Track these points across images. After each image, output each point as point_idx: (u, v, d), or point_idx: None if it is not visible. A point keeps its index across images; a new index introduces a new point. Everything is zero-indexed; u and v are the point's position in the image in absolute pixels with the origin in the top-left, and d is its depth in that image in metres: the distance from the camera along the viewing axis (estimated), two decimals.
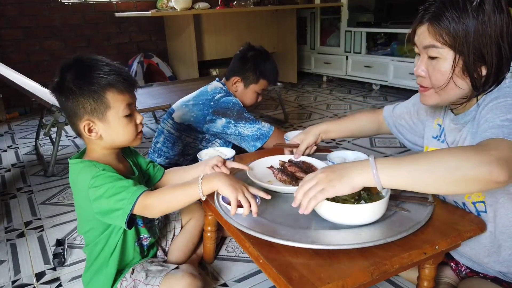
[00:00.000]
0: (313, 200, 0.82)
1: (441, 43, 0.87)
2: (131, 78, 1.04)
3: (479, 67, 0.86)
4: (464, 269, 1.05)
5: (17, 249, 1.54)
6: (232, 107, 1.62)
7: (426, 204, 0.96)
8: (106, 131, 1.01)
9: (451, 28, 0.84)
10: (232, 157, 1.25)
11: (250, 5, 3.84)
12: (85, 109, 0.98)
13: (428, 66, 0.91)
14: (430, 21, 0.87)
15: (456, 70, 0.87)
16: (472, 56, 0.85)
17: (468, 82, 0.88)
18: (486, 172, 0.71)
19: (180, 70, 4.01)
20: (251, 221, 0.91)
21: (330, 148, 1.48)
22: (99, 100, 0.97)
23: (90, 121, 1.00)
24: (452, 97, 0.92)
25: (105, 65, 1.00)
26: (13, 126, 3.34)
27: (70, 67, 0.99)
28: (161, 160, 1.70)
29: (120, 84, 0.99)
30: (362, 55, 4.11)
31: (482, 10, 0.83)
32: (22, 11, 3.57)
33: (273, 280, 0.79)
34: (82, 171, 0.99)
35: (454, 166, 0.73)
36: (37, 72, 3.66)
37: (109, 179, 0.96)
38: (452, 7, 0.84)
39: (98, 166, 0.99)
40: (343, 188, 0.80)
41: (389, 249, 0.81)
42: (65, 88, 0.98)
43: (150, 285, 1.07)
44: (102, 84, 0.97)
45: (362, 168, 0.80)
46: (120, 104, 1.00)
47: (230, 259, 1.41)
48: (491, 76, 0.87)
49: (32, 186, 2.12)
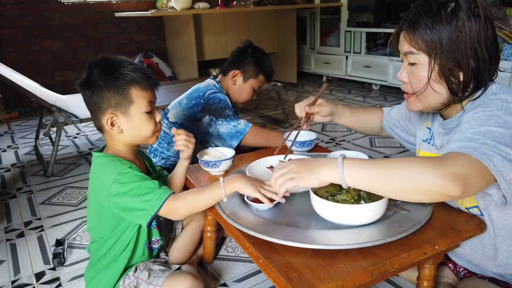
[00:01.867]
0: (282, 186, 0.86)
1: (417, 49, 0.89)
2: (153, 77, 1.10)
3: (456, 72, 0.87)
4: (462, 270, 1.06)
5: (17, 249, 1.54)
6: (217, 103, 1.64)
7: (426, 204, 0.96)
8: (127, 125, 1.06)
9: (425, 34, 0.87)
10: (232, 157, 1.25)
11: (250, 5, 3.84)
12: (109, 103, 1.04)
13: (409, 72, 0.94)
14: (407, 28, 0.90)
15: (432, 75, 0.89)
16: (447, 62, 0.87)
17: (446, 87, 0.89)
18: (440, 186, 0.73)
19: (180, 70, 4.01)
20: (251, 221, 0.91)
21: (330, 148, 1.48)
22: (123, 94, 1.03)
23: (113, 115, 1.05)
24: (432, 102, 0.93)
25: (130, 64, 1.06)
26: (13, 126, 3.34)
27: (98, 64, 1.05)
28: (157, 160, 1.70)
29: (144, 82, 1.05)
30: (362, 55, 4.11)
31: (456, 17, 0.84)
32: (22, 11, 3.57)
33: (273, 280, 0.79)
34: (107, 165, 1.04)
35: (406, 177, 0.76)
36: (36, 72, 3.66)
37: (136, 178, 1.00)
38: (426, 14, 0.87)
39: (124, 163, 1.04)
40: (311, 181, 0.84)
41: (389, 249, 0.81)
42: (92, 83, 1.03)
43: (152, 284, 1.07)
44: (127, 80, 1.03)
45: (330, 166, 0.82)
46: (142, 100, 1.05)
47: (230, 259, 1.41)
48: (469, 82, 0.88)
49: (32, 186, 2.12)
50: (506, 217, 0.90)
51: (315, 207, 0.90)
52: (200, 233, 1.36)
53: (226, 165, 1.23)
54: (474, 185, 0.75)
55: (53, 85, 3.56)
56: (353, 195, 0.90)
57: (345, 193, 0.91)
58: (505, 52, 2.94)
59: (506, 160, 0.76)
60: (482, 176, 0.75)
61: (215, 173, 1.24)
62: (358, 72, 4.19)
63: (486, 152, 0.75)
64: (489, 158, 0.75)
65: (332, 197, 0.91)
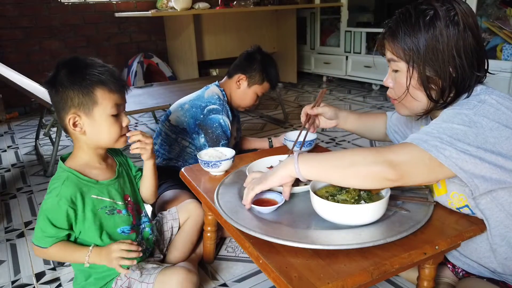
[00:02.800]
0: (251, 192, 0.93)
1: (397, 57, 0.91)
2: (122, 80, 1.07)
3: (435, 79, 0.89)
4: (460, 271, 1.06)
5: (17, 249, 1.54)
6: (215, 129, 1.59)
7: (426, 204, 0.96)
8: (90, 127, 1.03)
9: (404, 43, 0.89)
10: (232, 157, 1.25)
11: (250, 5, 3.84)
12: (72, 102, 1.01)
13: (393, 78, 0.97)
14: (388, 36, 0.92)
15: (412, 82, 0.91)
16: (425, 70, 0.88)
17: (425, 94, 0.91)
18: (377, 170, 0.80)
19: (180, 70, 4.02)
20: (251, 221, 0.91)
21: (330, 148, 1.48)
22: (88, 95, 1.00)
23: (76, 115, 1.02)
24: (415, 108, 0.96)
25: (100, 65, 1.04)
26: (13, 126, 3.34)
27: (66, 63, 1.03)
28: (158, 161, 1.69)
29: (111, 84, 1.02)
30: (362, 55, 4.11)
31: (433, 25, 0.85)
32: (22, 11, 3.57)
33: (273, 280, 0.79)
34: (54, 181, 1.05)
35: (350, 163, 0.83)
36: (36, 72, 3.66)
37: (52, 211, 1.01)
38: (405, 23, 0.88)
39: (63, 191, 1.01)
40: (273, 180, 0.91)
41: (389, 249, 0.81)
42: (57, 81, 1.01)
43: (145, 282, 1.07)
44: (93, 80, 1.01)
45: (287, 163, 0.89)
46: (108, 102, 1.02)
47: (230, 259, 1.41)
48: (449, 89, 0.89)
49: (32, 186, 2.12)
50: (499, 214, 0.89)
51: (315, 207, 0.90)
52: (197, 231, 1.35)
53: (226, 165, 1.23)
54: (414, 173, 0.81)
55: None
56: (353, 195, 0.90)
57: (345, 193, 0.91)
58: (505, 52, 2.93)
59: (463, 153, 0.78)
60: (424, 166, 0.80)
61: (215, 173, 1.24)
62: (358, 72, 4.19)
63: (437, 145, 0.79)
64: (439, 150, 0.79)
65: (332, 197, 0.91)
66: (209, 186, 1.17)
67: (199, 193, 1.15)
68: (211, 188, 1.14)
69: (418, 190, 1.01)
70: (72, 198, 1.02)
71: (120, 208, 1.11)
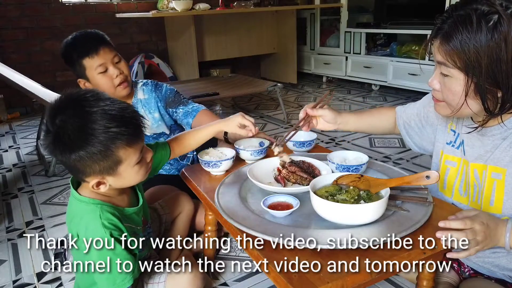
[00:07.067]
0: (473, 250, 0.84)
1: (451, 64, 0.82)
2: (137, 118, 0.92)
3: (494, 91, 0.81)
4: (467, 270, 1.04)
5: (18, 249, 1.55)
6: (170, 93, 1.58)
7: (426, 204, 0.96)
8: (116, 181, 0.93)
9: (461, 51, 0.79)
10: (232, 157, 1.25)
11: (250, 6, 3.85)
12: (93, 170, 0.88)
13: (441, 82, 0.88)
14: (442, 39, 0.83)
15: (468, 92, 0.83)
16: (484, 81, 0.80)
17: (480, 104, 0.83)
18: None
19: (181, 71, 4.02)
20: (251, 221, 0.92)
21: (330, 148, 1.48)
22: (109, 158, 0.87)
23: (100, 180, 0.91)
24: (464, 114, 0.89)
25: (105, 113, 0.85)
26: (14, 126, 3.34)
27: (65, 119, 0.84)
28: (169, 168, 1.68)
29: (130, 136, 0.88)
30: (362, 55, 4.12)
31: (497, 32, 0.76)
32: (23, 12, 3.57)
33: (273, 280, 0.79)
34: (86, 217, 0.91)
35: None
36: (38, 72, 3.66)
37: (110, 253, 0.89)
38: (465, 28, 0.78)
39: (106, 227, 0.89)
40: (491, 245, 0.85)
41: (389, 249, 0.82)
42: (65, 145, 0.84)
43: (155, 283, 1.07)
44: (111, 138, 0.85)
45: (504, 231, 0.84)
46: (133, 156, 0.91)
47: (230, 258, 1.42)
48: (508, 101, 0.82)
49: (33, 186, 2.12)
50: None
51: (315, 207, 0.91)
52: (189, 223, 1.35)
53: (226, 165, 1.23)
54: None
55: (55, 86, 3.56)
56: (353, 195, 0.91)
57: (345, 193, 0.92)
58: None
59: None
60: None
61: (215, 173, 1.25)
62: (358, 73, 4.19)
63: None
64: None
65: (332, 197, 0.92)
66: (209, 186, 1.17)
67: (200, 193, 1.16)
68: (211, 187, 1.14)
69: (417, 190, 1.02)
70: (119, 226, 0.93)
71: (138, 232, 1.05)
